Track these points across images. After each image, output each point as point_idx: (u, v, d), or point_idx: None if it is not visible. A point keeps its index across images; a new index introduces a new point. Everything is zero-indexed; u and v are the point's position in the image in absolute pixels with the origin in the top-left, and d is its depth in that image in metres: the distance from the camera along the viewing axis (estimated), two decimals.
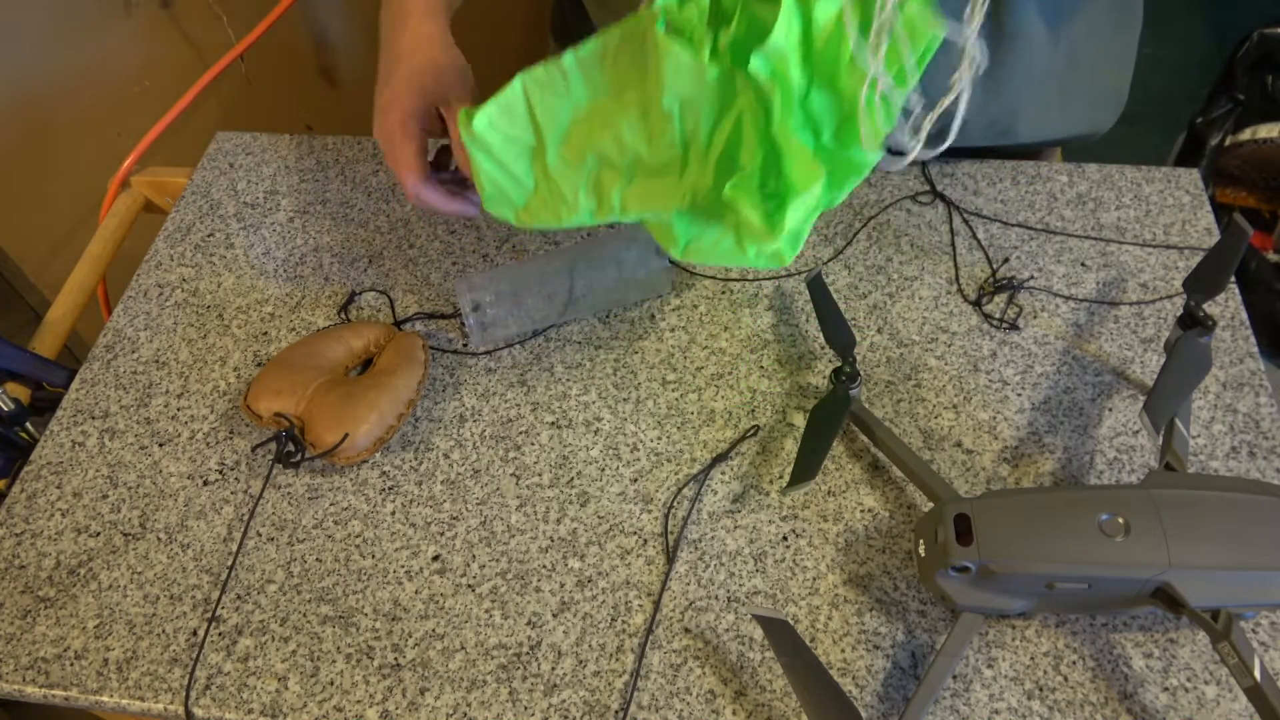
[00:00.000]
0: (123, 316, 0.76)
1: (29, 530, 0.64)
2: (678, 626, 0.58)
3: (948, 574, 0.52)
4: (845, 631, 0.57)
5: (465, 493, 0.64)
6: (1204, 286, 0.62)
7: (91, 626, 0.59)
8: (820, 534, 0.61)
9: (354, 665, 0.57)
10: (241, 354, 0.72)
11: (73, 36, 1.22)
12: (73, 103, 1.27)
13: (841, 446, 0.65)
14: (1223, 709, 0.53)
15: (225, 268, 0.78)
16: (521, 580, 0.60)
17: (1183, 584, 0.49)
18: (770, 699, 0.55)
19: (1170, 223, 0.75)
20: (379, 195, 0.83)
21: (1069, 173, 0.79)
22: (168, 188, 0.88)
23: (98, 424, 0.69)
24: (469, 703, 0.55)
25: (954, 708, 0.54)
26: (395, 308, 0.74)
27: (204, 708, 0.56)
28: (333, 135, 0.88)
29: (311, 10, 1.26)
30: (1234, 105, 1.46)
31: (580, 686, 0.56)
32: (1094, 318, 0.70)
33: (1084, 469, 0.63)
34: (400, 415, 0.66)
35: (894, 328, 0.70)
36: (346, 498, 0.64)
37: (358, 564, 0.61)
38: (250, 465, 0.66)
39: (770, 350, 0.70)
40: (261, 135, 0.89)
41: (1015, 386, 0.67)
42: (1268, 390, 0.65)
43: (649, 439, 0.66)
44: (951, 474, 0.63)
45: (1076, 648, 0.56)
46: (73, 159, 1.32)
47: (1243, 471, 0.62)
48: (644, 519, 0.62)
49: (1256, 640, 0.55)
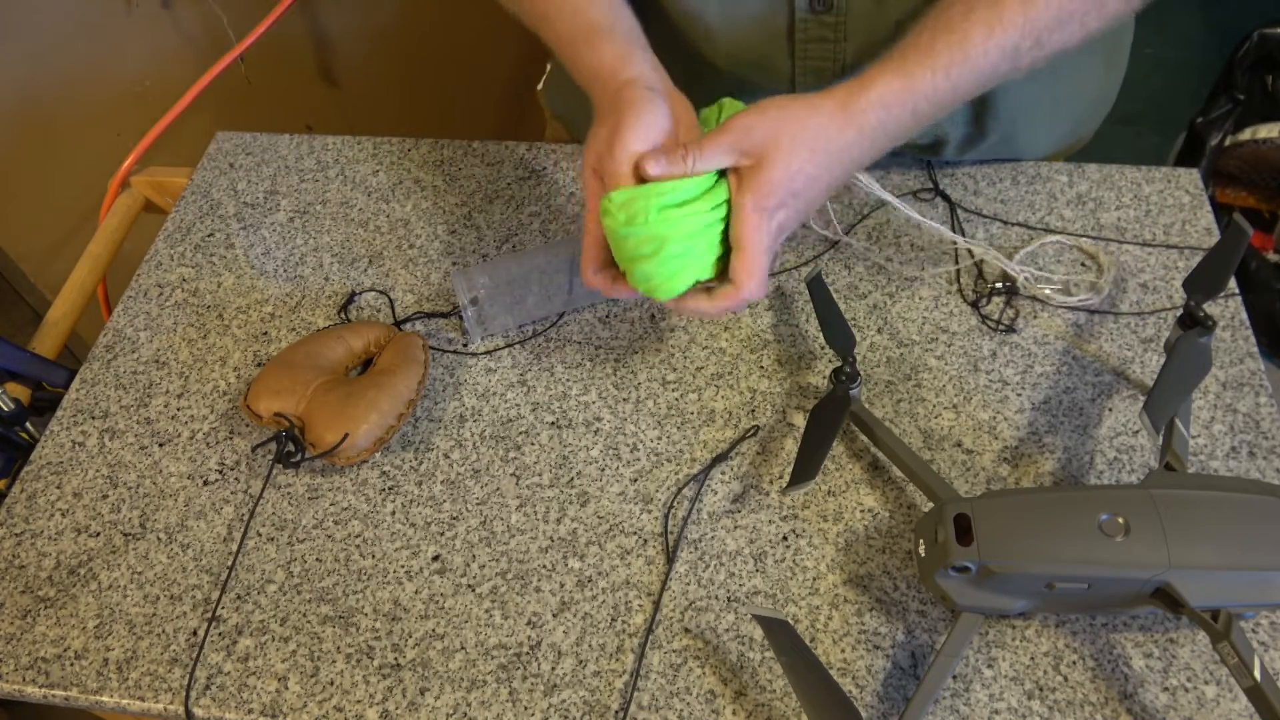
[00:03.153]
0: (123, 316, 0.76)
1: (29, 530, 0.64)
2: (678, 626, 0.58)
3: (948, 574, 0.52)
4: (845, 631, 0.57)
5: (465, 493, 0.64)
6: (1204, 286, 0.62)
7: (91, 626, 0.59)
8: (820, 534, 0.61)
9: (354, 665, 0.57)
10: (241, 354, 0.72)
11: (73, 36, 1.22)
12: (73, 103, 1.27)
13: (841, 446, 0.65)
14: (1223, 709, 0.53)
15: (225, 268, 0.78)
16: (521, 580, 0.60)
17: (1183, 584, 0.49)
18: (770, 699, 0.55)
19: (1170, 223, 0.75)
20: (379, 195, 0.83)
21: (1069, 173, 0.79)
22: (168, 188, 0.88)
23: (98, 424, 0.69)
24: (469, 703, 0.55)
25: (954, 708, 0.54)
26: (395, 308, 0.74)
27: (204, 708, 0.56)
28: (333, 135, 0.88)
29: (311, 10, 1.26)
30: (1234, 105, 1.46)
31: (580, 686, 0.56)
32: (1094, 318, 0.70)
33: (1084, 469, 0.63)
34: (400, 415, 0.66)
35: (894, 328, 0.70)
36: (346, 498, 0.64)
37: (358, 564, 0.61)
38: (250, 465, 0.66)
39: (770, 350, 0.70)
40: (261, 135, 0.89)
41: (1015, 386, 0.67)
42: (1268, 390, 0.65)
43: (649, 439, 0.66)
44: (951, 474, 0.63)
45: (1076, 648, 0.56)
46: (73, 159, 1.32)
47: (1243, 471, 0.62)
48: (644, 519, 0.62)
49: (1256, 640, 0.55)
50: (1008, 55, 0.56)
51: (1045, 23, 0.55)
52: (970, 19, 0.55)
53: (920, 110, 0.56)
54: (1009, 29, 0.55)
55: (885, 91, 0.55)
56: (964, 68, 0.55)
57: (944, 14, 0.56)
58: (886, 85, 0.56)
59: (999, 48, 0.55)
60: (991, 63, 0.56)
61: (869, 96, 0.56)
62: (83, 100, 1.27)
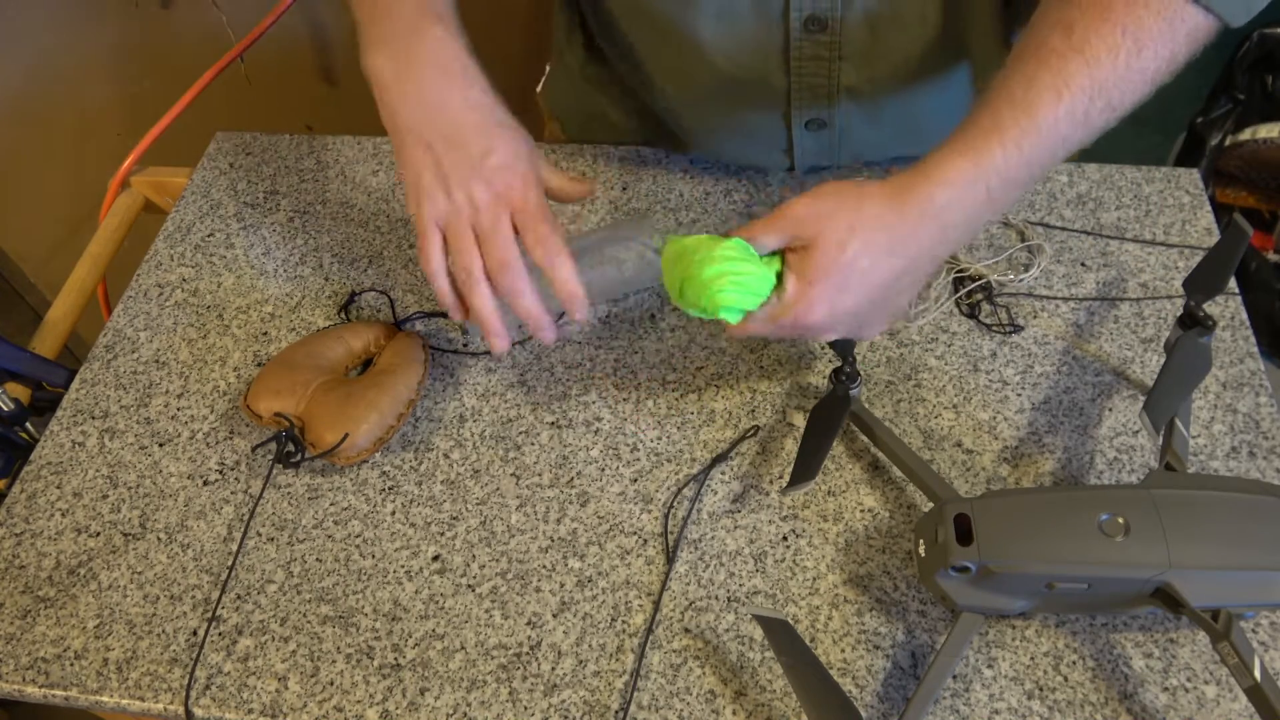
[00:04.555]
0: (123, 316, 0.76)
1: (29, 530, 0.64)
2: (678, 626, 0.58)
3: (948, 574, 0.52)
4: (845, 631, 0.57)
5: (465, 493, 0.64)
6: (1204, 286, 0.62)
7: (91, 626, 0.59)
8: (820, 534, 0.61)
9: (354, 665, 0.57)
10: (241, 354, 0.72)
11: (73, 36, 1.22)
12: (73, 103, 1.27)
13: (841, 446, 0.65)
14: (1223, 709, 0.53)
15: (225, 268, 0.78)
16: (521, 580, 0.60)
17: (1183, 584, 0.49)
18: (770, 699, 0.55)
19: (1170, 223, 0.75)
20: (379, 195, 0.83)
21: (1069, 173, 0.79)
22: (168, 188, 0.88)
23: (98, 424, 0.69)
24: (469, 703, 0.55)
25: (954, 708, 0.54)
26: (395, 308, 0.74)
27: (204, 708, 0.56)
28: (333, 135, 0.88)
29: (311, 10, 1.26)
30: (1234, 105, 1.45)
31: (580, 686, 0.56)
32: (1094, 318, 0.70)
33: (1084, 469, 0.63)
34: (400, 415, 0.66)
35: (894, 328, 0.70)
36: (346, 498, 0.64)
37: (358, 564, 0.61)
38: (250, 465, 0.66)
39: (770, 350, 0.70)
40: (261, 135, 0.89)
41: (1015, 386, 0.67)
42: (1268, 390, 0.65)
43: (649, 439, 0.66)
44: (951, 474, 0.63)
45: (1076, 648, 0.56)
46: (73, 159, 1.32)
47: (1243, 471, 0.62)
48: (644, 519, 0.62)
49: (1256, 640, 0.55)
50: (1079, 121, 0.52)
51: (1113, 82, 0.52)
52: (1035, 88, 0.52)
53: (994, 189, 0.53)
54: (1076, 93, 0.52)
55: (950, 171, 0.53)
56: (1036, 139, 0.52)
57: (1003, 89, 0.53)
58: (951, 165, 0.53)
59: (1069, 114, 0.52)
60: (1062, 133, 0.53)
61: (931, 178, 0.53)
62: (83, 100, 1.27)
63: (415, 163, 0.58)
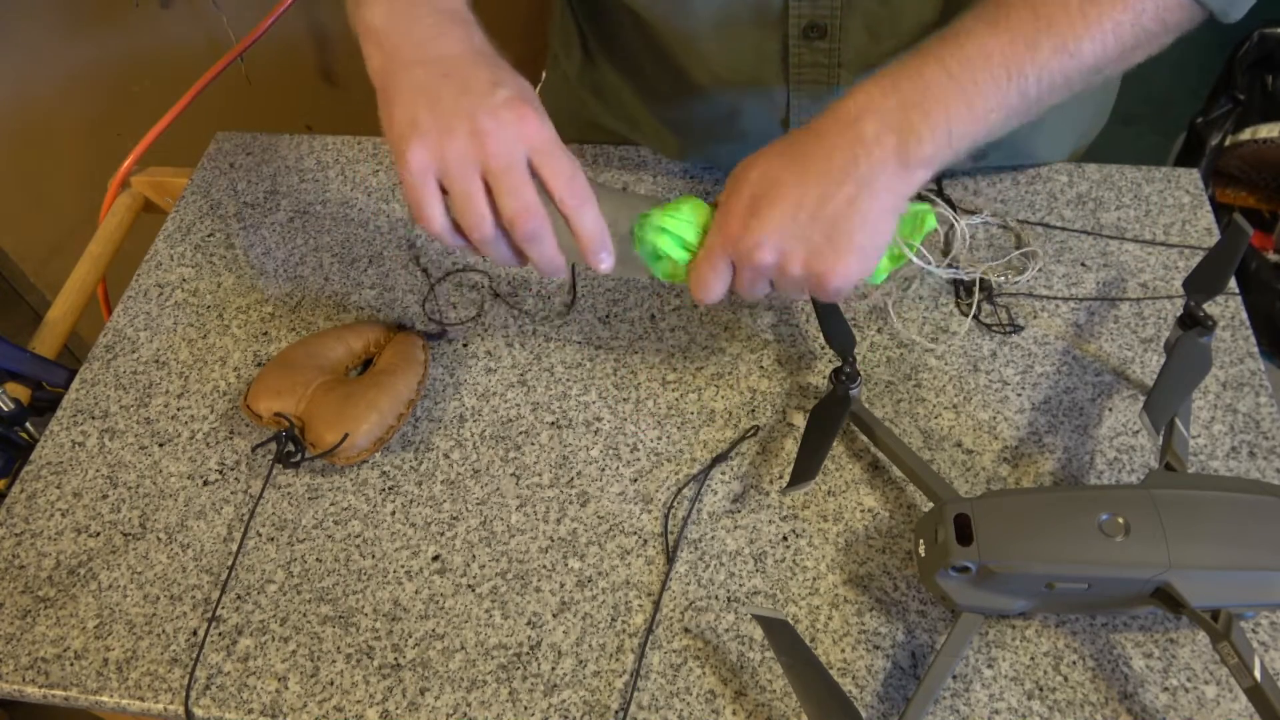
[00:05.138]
0: (123, 316, 0.76)
1: (29, 530, 0.64)
2: (678, 626, 0.58)
3: (948, 574, 0.52)
4: (845, 631, 0.57)
5: (465, 493, 0.64)
6: (1204, 286, 0.62)
7: (91, 626, 0.59)
8: (820, 534, 0.61)
9: (354, 665, 0.57)
10: (241, 354, 0.72)
11: (73, 36, 1.22)
12: (73, 103, 1.27)
13: (841, 446, 0.65)
14: (1223, 709, 0.53)
15: (225, 268, 0.78)
16: (521, 580, 0.60)
17: (1183, 584, 0.49)
18: (770, 699, 0.55)
19: (1170, 223, 0.75)
20: (379, 195, 0.83)
21: (1069, 173, 0.79)
22: (168, 188, 0.88)
23: (98, 424, 0.69)
24: (469, 703, 0.55)
25: (954, 708, 0.54)
26: (395, 308, 0.74)
27: (204, 708, 0.56)
28: (333, 135, 0.88)
29: (311, 10, 1.26)
30: (1234, 105, 1.45)
31: (580, 686, 0.56)
32: (1094, 318, 0.70)
33: (1084, 469, 0.63)
34: (400, 415, 0.66)
35: (894, 328, 0.70)
36: (346, 498, 0.64)
37: (358, 564, 0.61)
38: (250, 465, 0.66)
39: (770, 350, 0.70)
40: (261, 135, 0.89)
41: (1015, 386, 0.67)
42: (1268, 390, 0.65)
43: (649, 439, 0.66)
44: (951, 474, 0.63)
45: (1076, 648, 0.56)
46: (73, 159, 1.32)
47: (1243, 471, 0.62)
48: (644, 519, 0.62)
49: (1256, 640, 0.55)
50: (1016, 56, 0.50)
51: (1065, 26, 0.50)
52: (969, 18, 0.51)
53: (905, 92, 0.49)
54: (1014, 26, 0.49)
55: (860, 87, 0.51)
56: (959, 56, 0.49)
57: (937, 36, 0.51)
58: (862, 87, 0.51)
59: (1002, 48, 0.49)
60: (989, 53, 0.50)
61: (843, 99, 0.51)
62: (83, 100, 1.27)
63: (407, 105, 0.50)
